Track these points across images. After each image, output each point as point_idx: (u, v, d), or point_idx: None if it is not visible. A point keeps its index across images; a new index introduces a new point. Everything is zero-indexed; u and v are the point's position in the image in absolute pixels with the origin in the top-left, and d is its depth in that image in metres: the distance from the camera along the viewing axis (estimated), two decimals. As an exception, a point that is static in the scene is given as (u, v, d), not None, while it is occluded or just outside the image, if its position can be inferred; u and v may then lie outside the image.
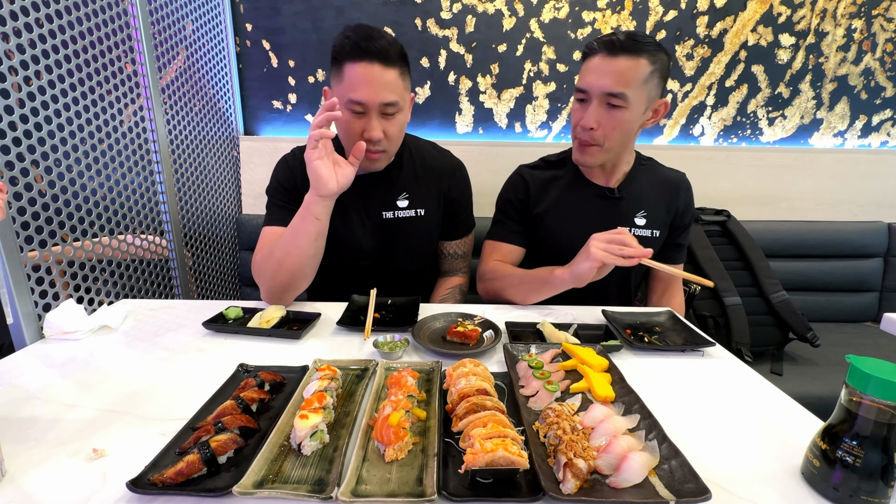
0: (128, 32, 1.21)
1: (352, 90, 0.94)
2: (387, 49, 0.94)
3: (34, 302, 0.90)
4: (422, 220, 1.17)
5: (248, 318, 0.93)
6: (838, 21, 1.75)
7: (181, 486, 0.48)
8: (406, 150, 1.18)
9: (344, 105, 0.96)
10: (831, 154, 1.86)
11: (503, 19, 1.71)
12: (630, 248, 0.89)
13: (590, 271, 0.91)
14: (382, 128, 0.98)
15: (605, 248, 0.90)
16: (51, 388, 0.69)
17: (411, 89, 1.06)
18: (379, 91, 0.95)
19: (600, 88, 1.00)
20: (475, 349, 0.81)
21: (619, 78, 0.98)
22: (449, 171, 1.21)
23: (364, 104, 0.95)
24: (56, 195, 0.99)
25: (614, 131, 1.03)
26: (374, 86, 0.94)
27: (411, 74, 1.05)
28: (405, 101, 1.02)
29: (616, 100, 0.99)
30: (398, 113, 1.00)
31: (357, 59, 0.93)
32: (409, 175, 1.17)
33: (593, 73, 1.01)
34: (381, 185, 1.14)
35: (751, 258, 1.52)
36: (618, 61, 0.98)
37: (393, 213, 1.15)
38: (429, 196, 1.18)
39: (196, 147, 1.52)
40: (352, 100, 0.95)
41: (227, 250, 1.74)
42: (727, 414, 0.66)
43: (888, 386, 0.44)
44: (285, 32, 1.71)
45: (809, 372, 1.41)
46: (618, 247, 0.89)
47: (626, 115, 1.01)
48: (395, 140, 1.04)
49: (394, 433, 0.52)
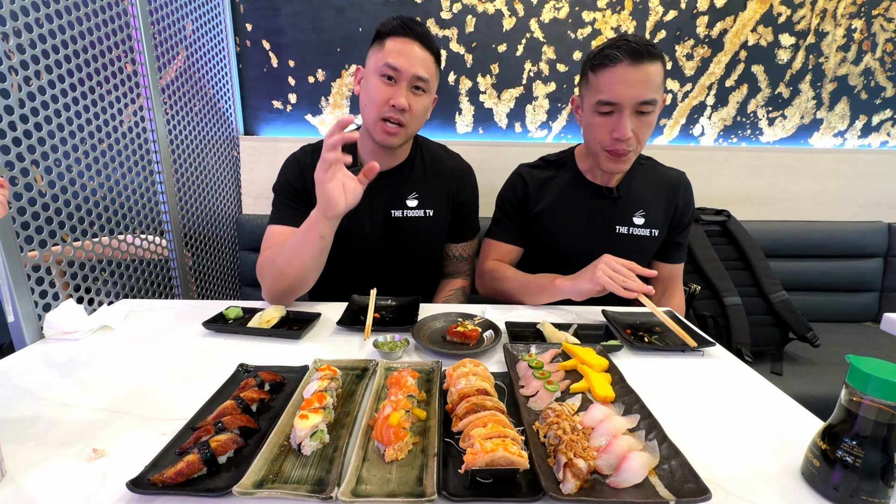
0: (128, 32, 1.21)
1: (390, 56, 1.00)
2: (428, 35, 1.03)
3: (34, 302, 0.90)
4: (430, 220, 1.18)
5: (248, 318, 0.93)
6: (838, 21, 1.75)
7: (181, 486, 0.47)
8: (418, 151, 1.20)
9: (378, 71, 1.01)
10: (831, 154, 1.86)
11: (503, 19, 1.71)
12: (633, 282, 0.92)
13: (590, 292, 0.96)
14: (409, 101, 1.02)
15: (611, 276, 0.92)
16: (51, 388, 0.69)
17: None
18: (414, 63, 1.01)
19: (634, 98, 0.98)
20: (475, 349, 0.81)
21: (649, 85, 0.98)
22: (459, 174, 1.23)
23: (399, 70, 1.00)
24: (56, 195, 0.99)
25: (645, 137, 1.04)
26: (411, 58, 1.00)
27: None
28: (433, 86, 1.08)
29: (648, 107, 1.00)
30: (425, 94, 1.05)
31: (400, 35, 1.01)
32: (419, 175, 1.18)
33: (622, 84, 0.98)
34: (392, 184, 1.15)
35: (751, 258, 1.52)
36: (645, 68, 0.97)
37: (402, 212, 1.16)
38: (438, 197, 1.19)
39: (196, 147, 1.52)
40: (388, 64, 1.00)
41: (227, 250, 1.74)
42: (727, 414, 0.66)
43: (888, 386, 0.44)
44: (285, 32, 1.71)
45: (809, 372, 1.41)
46: (622, 278, 0.92)
47: (652, 118, 1.03)
48: (416, 118, 1.06)
49: (394, 433, 0.52)
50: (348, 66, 1.75)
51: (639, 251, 1.17)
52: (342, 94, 1.79)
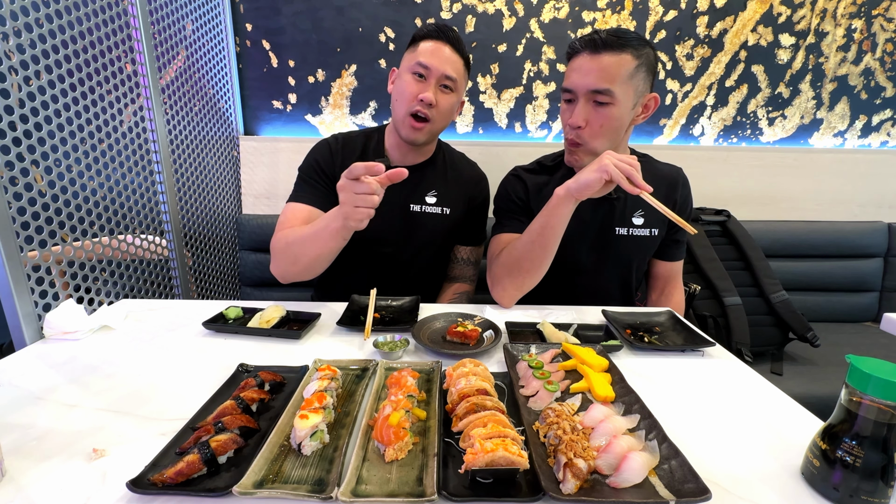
0: (128, 32, 1.21)
1: (422, 56, 1.07)
2: (459, 39, 1.10)
3: (34, 302, 0.89)
4: (447, 218, 1.22)
5: (248, 318, 0.93)
6: (838, 21, 1.75)
7: (181, 486, 0.47)
8: (440, 153, 1.26)
9: (410, 69, 1.08)
10: (831, 154, 1.86)
11: (503, 19, 1.71)
12: (639, 176, 0.89)
13: (598, 182, 0.91)
14: (436, 97, 1.08)
15: (617, 164, 0.89)
16: (51, 388, 0.69)
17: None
18: (444, 63, 1.07)
19: (586, 86, 0.99)
20: (475, 349, 0.81)
21: (603, 74, 0.98)
22: (475, 180, 1.29)
23: (429, 68, 1.06)
24: (56, 195, 0.99)
25: (602, 129, 1.02)
26: (441, 58, 1.07)
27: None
28: (461, 87, 1.14)
29: (602, 96, 0.99)
30: (453, 93, 1.11)
31: (433, 38, 1.08)
32: (440, 175, 1.23)
33: (577, 72, 1.01)
34: (413, 179, 1.14)
35: (751, 258, 1.52)
36: (601, 58, 0.98)
37: (420, 207, 1.20)
38: (456, 198, 1.23)
39: (196, 147, 1.52)
40: (419, 62, 1.06)
41: (227, 250, 1.74)
42: (727, 414, 0.66)
43: (888, 386, 0.44)
44: (285, 32, 1.71)
45: (809, 372, 1.41)
46: (630, 169, 0.89)
47: (614, 111, 1.00)
48: (442, 115, 1.11)
49: (394, 433, 0.52)
50: (348, 66, 1.75)
51: (640, 252, 1.17)
52: (342, 94, 1.79)
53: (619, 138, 1.07)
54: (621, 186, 0.89)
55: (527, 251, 1.02)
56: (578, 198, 0.95)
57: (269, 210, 1.82)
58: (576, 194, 0.95)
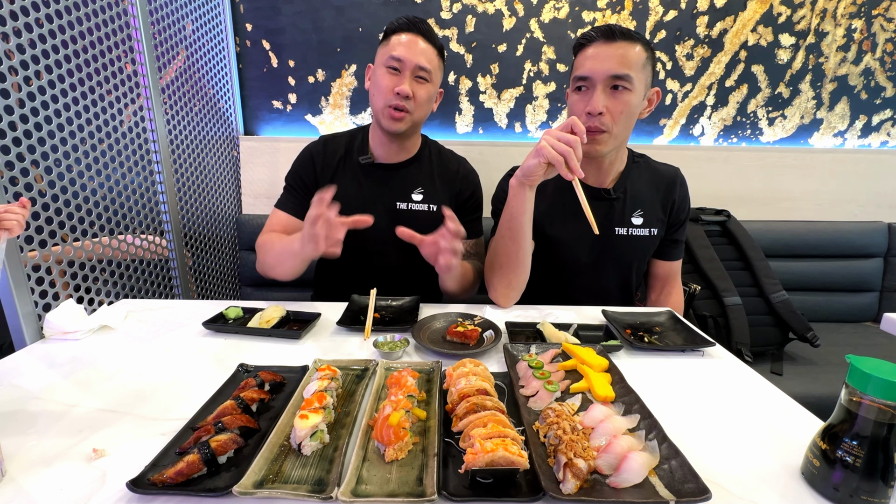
0: (128, 32, 1.21)
1: (394, 49, 1.07)
2: (431, 30, 1.10)
3: (34, 302, 0.90)
4: (435, 215, 1.21)
5: (248, 318, 0.93)
6: (838, 21, 1.75)
7: (181, 486, 0.47)
8: (426, 150, 1.25)
9: (384, 63, 1.08)
10: (831, 154, 1.86)
11: (503, 19, 1.71)
12: (573, 160, 0.86)
13: (538, 167, 0.91)
14: (412, 89, 1.08)
15: (554, 145, 0.87)
16: (51, 388, 0.69)
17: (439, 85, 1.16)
18: (417, 54, 1.07)
19: (605, 72, 0.98)
20: (475, 349, 0.81)
21: (622, 60, 0.98)
22: (462, 174, 1.28)
23: (402, 61, 1.06)
24: (56, 195, 0.99)
25: (621, 115, 1.01)
26: (413, 49, 1.07)
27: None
28: (436, 77, 1.14)
29: (622, 82, 0.98)
30: (428, 83, 1.11)
31: (405, 31, 1.08)
32: (426, 172, 1.23)
33: (594, 59, 1.00)
34: (399, 177, 1.20)
35: (751, 258, 1.52)
36: (618, 45, 0.98)
37: (406, 205, 1.20)
38: (443, 195, 1.23)
39: (196, 147, 1.52)
40: (392, 56, 1.07)
41: (227, 250, 1.74)
42: (727, 414, 0.66)
43: (888, 386, 0.44)
44: (285, 32, 1.71)
45: (809, 372, 1.41)
46: (567, 149, 0.86)
47: (632, 97, 1.00)
48: (420, 106, 1.11)
49: (394, 433, 0.52)
50: (348, 66, 1.75)
51: (639, 252, 1.16)
52: (342, 94, 1.79)
53: (631, 129, 1.07)
54: (560, 172, 0.88)
55: (501, 246, 1.04)
56: (529, 185, 0.95)
57: (269, 210, 1.79)
58: (525, 181, 0.95)
